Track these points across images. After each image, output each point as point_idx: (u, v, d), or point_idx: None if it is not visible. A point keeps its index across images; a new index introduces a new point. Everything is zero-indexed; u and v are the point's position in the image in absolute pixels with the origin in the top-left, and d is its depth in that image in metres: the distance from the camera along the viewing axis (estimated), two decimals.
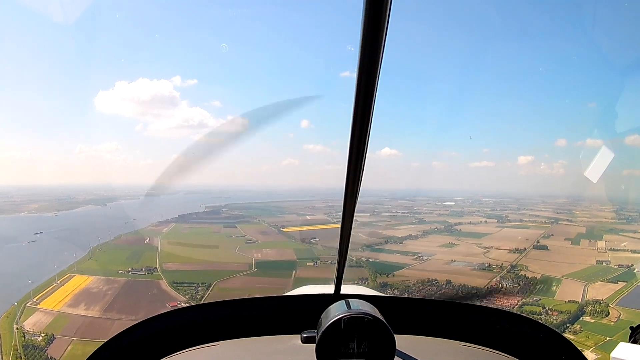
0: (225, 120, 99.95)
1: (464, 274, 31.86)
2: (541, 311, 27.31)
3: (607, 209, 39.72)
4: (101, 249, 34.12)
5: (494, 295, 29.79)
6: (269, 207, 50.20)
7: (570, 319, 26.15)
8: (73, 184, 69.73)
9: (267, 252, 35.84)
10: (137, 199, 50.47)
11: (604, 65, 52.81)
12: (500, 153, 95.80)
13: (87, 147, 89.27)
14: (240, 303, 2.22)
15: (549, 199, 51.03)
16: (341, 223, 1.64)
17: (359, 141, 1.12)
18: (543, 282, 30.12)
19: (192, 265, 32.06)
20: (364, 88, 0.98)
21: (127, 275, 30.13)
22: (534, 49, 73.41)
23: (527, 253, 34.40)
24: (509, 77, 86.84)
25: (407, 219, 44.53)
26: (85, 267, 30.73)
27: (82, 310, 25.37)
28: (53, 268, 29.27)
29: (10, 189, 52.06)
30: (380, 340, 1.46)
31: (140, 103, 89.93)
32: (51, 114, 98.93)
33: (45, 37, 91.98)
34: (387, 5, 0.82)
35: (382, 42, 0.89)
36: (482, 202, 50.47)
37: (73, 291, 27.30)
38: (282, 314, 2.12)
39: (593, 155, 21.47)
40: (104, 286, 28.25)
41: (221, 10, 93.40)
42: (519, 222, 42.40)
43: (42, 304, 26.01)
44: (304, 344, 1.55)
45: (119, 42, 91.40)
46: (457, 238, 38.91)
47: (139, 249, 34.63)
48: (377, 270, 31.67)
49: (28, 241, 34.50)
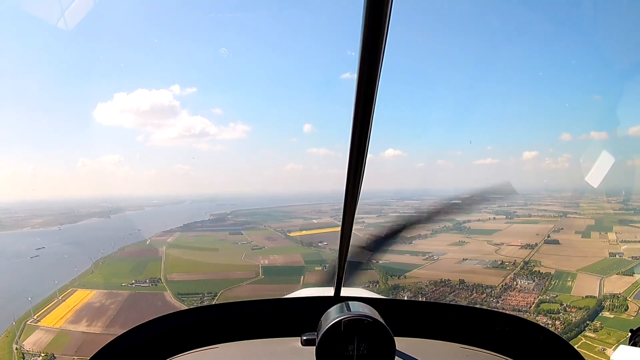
0: (226, 128, 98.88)
1: (477, 272, 30.79)
2: (559, 309, 26.38)
3: (613, 200, 38.26)
4: (104, 261, 32.97)
5: (509, 293, 28.74)
6: (274, 212, 49.59)
7: (590, 316, 25.13)
8: (77, 197, 68.98)
9: (274, 258, 34.83)
10: (141, 209, 49.70)
11: (607, 56, 51.72)
12: (505, 150, 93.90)
13: (89, 159, 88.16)
14: (241, 305, 2.18)
15: (555, 192, 49.52)
16: (341, 226, 1.59)
17: (359, 144, 1.12)
18: (558, 278, 29.20)
19: (198, 275, 30.94)
20: (364, 92, 0.97)
21: (131, 287, 28.86)
22: (536, 45, 72.33)
23: (539, 248, 33.38)
24: (511, 75, 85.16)
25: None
26: (87, 281, 29.54)
27: (84, 327, 24.08)
28: (55, 284, 27.97)
29: (14, 205, 50.89)
30: (380, 342, 1.46)
31: (140, 114, 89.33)
32: (52, 128, 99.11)
33: (42, 50, 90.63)
34: (388, 9, 0.82)
35: (382, 45, 0.88)
36: (488, 198, 49.21)
37: (75, 307, 26.02)
38: (282, 316, 2.09)
39: (597, 147, 20.66)
40: (106, 300, 26.96)
41: (219, 15, 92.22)
42: (528, 217, 41.43)
43: (42, 321, 24.75)
44: (304, 346, 1.57)
45: (115, 53, 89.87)
46: (467, 236, 38.01)
47: (143, 260, 33.43)
48: (387, 273, 30.46)
49: (30, 257, 33.36)
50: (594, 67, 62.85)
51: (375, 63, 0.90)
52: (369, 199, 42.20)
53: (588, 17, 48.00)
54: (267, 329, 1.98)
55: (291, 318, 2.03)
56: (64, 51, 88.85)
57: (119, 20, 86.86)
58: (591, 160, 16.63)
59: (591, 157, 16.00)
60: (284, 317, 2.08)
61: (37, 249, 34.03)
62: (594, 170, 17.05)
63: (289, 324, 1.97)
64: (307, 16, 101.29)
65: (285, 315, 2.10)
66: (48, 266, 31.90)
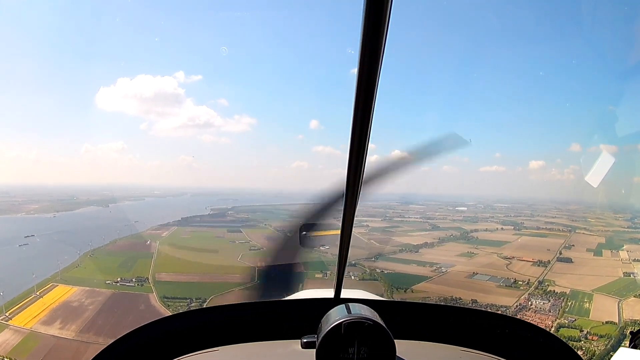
0: (231, 120, 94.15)
1: (489, 291, 28.23)
2: (580, 336, 24.06)
3: (621, 217, 37.12)
4: (93, 254, 29.97)
5: (525, 314, 26.17)
6: (277, 210, 46.45)
7: (614, 346, 22.30)
8: (78, 184, 65.53)
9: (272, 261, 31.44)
10: (142, 200, 47.05)
11: (620, 67, 49.11)
12: (512, 158, 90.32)
13: (92, 146, 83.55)
14: (240, 308, 2.09)
15: (561, 205, 47.53)
16: (341, 228, 1.58)
17: (358, 145, 1.10)
18: (573, 298, 27.16)
19: (188, 276, 27.94)
20: (364, 92, 0.95)
21: (115, 286, 25.74)
22: (552, 52, 69.48)
23: (552, 266, 31.31)
24: (522, 81, 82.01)
25: (421, 224, 41.45)
26: (70, 276, 26.47)
27: (56, 330, 20.89)
28: (33, 278, 24.93)
29: (14, 189, 48.04)
30: (380, 345, 1.43)
31: (143, 100, 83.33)
32: (55, 112, 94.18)
33: (46, 33, 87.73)
34: (388, 8, 0.80)
35: (382, 45, 0.86)
36: (494, 207, 47.02)
37: (51, 305, 22.88)
38: (282, 318, 2.04)
39: (602, 161, 19.11)
40: (86, 299, 23.79)
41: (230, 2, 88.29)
42: (536, 229, 39.32)
43: (14, 319, 21.75)
44: (304, 349, 1.55)
45: (119, 37, 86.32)
46: (475, 246, 35.68)
47: (133, 256, 30.47)
48: (393, 284, 27.97)
49: (19, 244, 30.47)
50: (609, 78, 60.02)
51: (375, 62, 0.88)
52: (374, 202, 40.23)
53: (607, 26, 46.39)
54: (267, 331, 1.89)
55: (291, 320, 1.95)
56: (70, 33, 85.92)
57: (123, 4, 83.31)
58: (597, 173, 15.18)
59: (597, 170, 14.99)
60: (284, 319, 2.01)
61: (26, 237, 31.21)
62: (598, 183, 16.62)
63: (289, 326, 1.88)
64: (316, 10, 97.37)
65: (285, 317, 2.02)
66: (34, 256, 29.02)
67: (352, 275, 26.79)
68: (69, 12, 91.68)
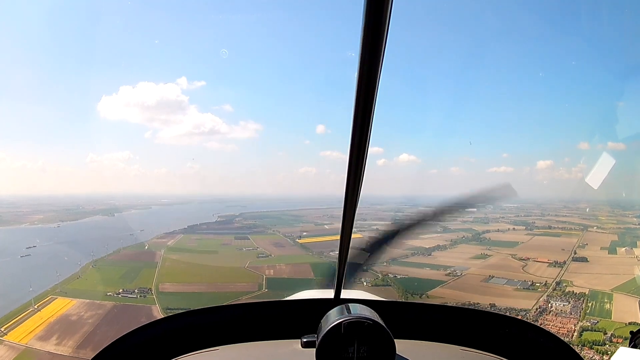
0: (237, 126, 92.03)
1: (507, 295, 26.84)
2: (604, 339, 22.81)
3: (630, 213, 36.42)
4: (95, 264, 28.67)
5: (546, 317, 25.06)
6: (285, 215, 45.87)
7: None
8: (84, 193, 64.46)
9: (281, 268, 30.62)
10: (148, 209, 45.89)
11: (628, 63, 47.83)
12: (520, 158, 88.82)
13: (98, 155, 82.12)
14: (240, 307, 2.02)
15: (570, 203, 46.23)
16: (341, 227, 1.53)
17: (358, 148, 1.08)
18: (593, 299, 26.14)
19: (193, 287, 26.75)
20: (364, 93, 0.93)
21: (116, 298, 24.38)
22: (554, 49, 68.30)
23: (568, 267, 30.10)
24: (528, 80, 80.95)
25: (431, 226, 39.36)
26: (71, 288, 25.12)
27: (53, 345, 19.31)
28: (31, 291, 23.50)
29: (20, 199, 47.29)
30: (380, 344, 1.41)
31: (146, 108, 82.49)
32: (60, 122, 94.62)
33: (46, 42, 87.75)
34: (388, 11, 0.78)
35: (382, 45, 0.84)
36: (504, 207, 45.19)
37: (49, 319, 21.39)
38: (282, 318, 1.96)
39: (609, 158, 18.55)
40: (86, 312, 22.27)
41: (230, 5, 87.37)
42: (548, 229, 38.32)
43: (10, 334, 20.37)
44: (304, 348, 1.54)
45: (119, 44, 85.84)
46: (488, 248, 34.60)
47: (137, 266, 29.16)
48: (407, 290, 26.49)
49: (21, 255, 29.18)
50: (617, 75, 58.67)
51: (375, 65, 0.86)
52: (382, 205, 38.88)
53: (613, 26, 45.41)
54: (267, 331, 1.81)
55: (291, 320, 1.86)
56: (71, 42, 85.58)
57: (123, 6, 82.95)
58: (603, 170, 15.14)
59: (604, 167, 14.31)
60: (284, 319, 1.92)
61: (28, 248, 29.91)
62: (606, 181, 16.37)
63: (289, 326, 1.80)
64: (320, 13, 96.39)
65: (285, 318, 1.94)
66: (34, 268, 27.60)
67: (364, 282, 25.52)
68: (69, 19, 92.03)
